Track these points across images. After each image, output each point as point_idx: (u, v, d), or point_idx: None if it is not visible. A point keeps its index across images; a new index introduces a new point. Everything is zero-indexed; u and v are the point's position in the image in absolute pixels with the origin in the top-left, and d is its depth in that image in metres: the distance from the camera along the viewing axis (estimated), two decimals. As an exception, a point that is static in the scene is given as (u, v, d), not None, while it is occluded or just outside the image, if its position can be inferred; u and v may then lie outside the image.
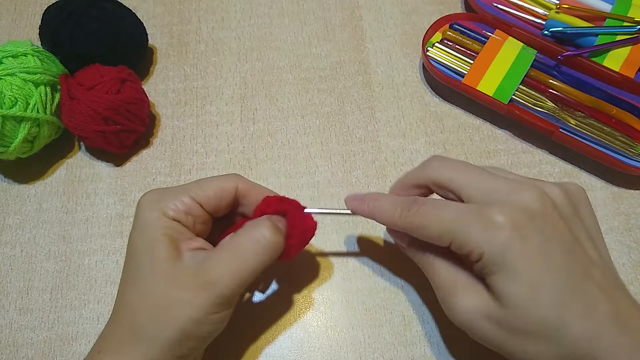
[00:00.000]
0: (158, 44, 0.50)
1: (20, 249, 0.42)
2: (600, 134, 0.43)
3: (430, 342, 0.38)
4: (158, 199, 0.31)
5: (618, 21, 0.46)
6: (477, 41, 0.47)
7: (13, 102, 0.39)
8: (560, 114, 0.44)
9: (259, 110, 0.47)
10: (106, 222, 0.42)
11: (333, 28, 0.51)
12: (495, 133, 0.46)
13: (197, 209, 0.31)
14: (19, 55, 0.41)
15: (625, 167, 0.41)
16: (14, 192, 0.44)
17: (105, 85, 0.41)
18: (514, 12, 0.49)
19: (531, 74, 0.46)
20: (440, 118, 0.46)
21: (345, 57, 0.49)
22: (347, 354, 0.37)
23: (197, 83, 0.48)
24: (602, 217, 0.42)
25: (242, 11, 0.52)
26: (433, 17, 0.50)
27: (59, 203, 0.43)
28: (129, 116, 0.42)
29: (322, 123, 0.46)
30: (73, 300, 0.40)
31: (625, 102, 0.44)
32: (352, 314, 0.39)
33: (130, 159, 0.45)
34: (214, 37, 0.51)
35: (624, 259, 0.40)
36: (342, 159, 0.45)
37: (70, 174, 0.45)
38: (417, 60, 0.49)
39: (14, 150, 0.41)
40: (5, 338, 0.38)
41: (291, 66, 0.49)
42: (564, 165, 0.44)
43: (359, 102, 0.47)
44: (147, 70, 0.49)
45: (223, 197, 0.32)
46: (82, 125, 0.41)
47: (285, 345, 0.38)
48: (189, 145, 0.46)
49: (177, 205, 0.31)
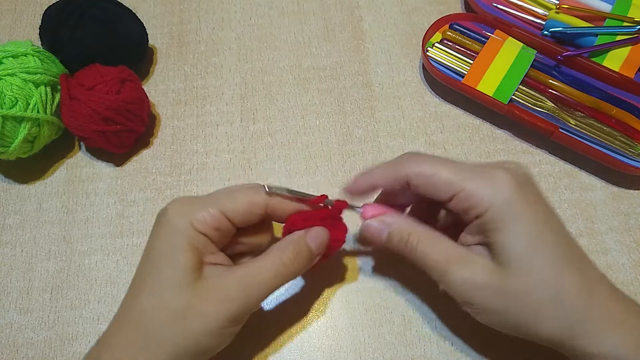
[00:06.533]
0: (158, 44, 0.51)
1: (21, 249, 0.42)
2: (600, 134, 0.43)
3: (430, 342, 0.38)
4: (187, 208, 0.31)
5: (618, 21, 0.46)
6: (477, 41, 0.47)
7: (13, 102, 0.39)
8: (560, 114, 0.44)
9: (259, 111, 0.47)
10: (106, 222, 0.42)
11: (333, 28, 0.51)
12: (495, 133, 0.46)
13: (225, 223, 0.31)
14: (19, 56, 0.41)
15: (625, 167, 0.41)
16: (14, 192, 0.44)
17: (105, 85, 0.41)
18: (514, 12, 0.49)
19: (531, 74, 0.46)
20: (440, 118, 0.46)
21: (345, 57, 0.49)
22: (347, 354, 0.37)
23: (197, 83, 0.48)
24: (602, 217, 0.42)
25: (242, 11, 0.52)
26: (433, 17, 0.50)
27: (59, 203, 0.43)
28: (129, 116, 0.42)
29: (322, 123, 0.46)
30: (73, 300, 0.40)
31: (625, 102, 0.44)
32: (352, 314, 0.39)
33: (131, 159, 0.45)
34: (214, 37, 0.51)
35: (623, 259, 0.40)
36: (342, 159, 0.45)
37: (70, 174, 0.45)
38: (417, 60, 0.49)
39: (14, 150, 0.41)
40: (5, 338, 0.39)
41: (291, 66, 0.49)
42: (563, 165, 0.44)
43: (359, 102, 0.47)
44: (147, 71, 0.49)
45: (253, 212, 0.32)
46: (82, 125, 0.41)
47: (286, 345, 0.38)
48: (189, 145, 0.46)
49: (205, 219, 0.30)
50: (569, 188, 0.43)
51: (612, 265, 0.40)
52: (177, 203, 0.31)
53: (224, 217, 0.31)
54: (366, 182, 0.33)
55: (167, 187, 0.44)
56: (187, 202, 0.31)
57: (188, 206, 0.31)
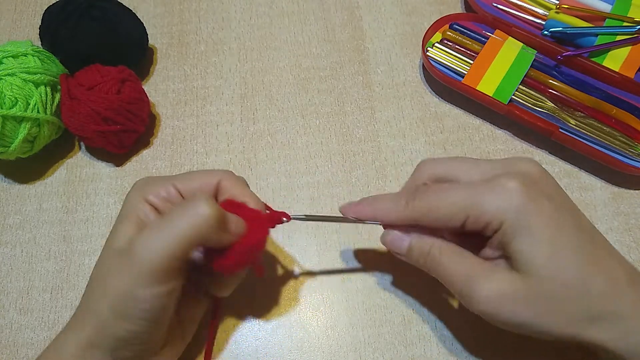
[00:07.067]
0: (158, 44, 0.51)
1: (21, 249, 0.42)
2: (600, 134, 0.43)
3: (430, 342, 0.38)
4: (145, 184, 0.33)
5: (618, 21, 0.46)
6: (477, 41, 0.47)
7: (13, 102, 0.39)
8: (560, 114, 0.44)
9: (259, 111, 0.47)
10: (106, 222, 0.42)
11: (333, 28, 0.51)
12: (495, 133, 0.46)
13: (178, 198, 0.32)
14: (19, 56, 0.41)
15: (625, 167, 0.41)
16: (14, 192, 0.44)
17: (105, 85, 0.41)
18: (514, 12, 0.49)
19: (531, 74, 0.46)
20: (440, 118, 0.46)
21: (345, 57, 0.49)
22: (347, 354, 0.37)
23: (197, 83, 0.48)
24: (601, 217, 0.42)
25: (242, 11, 0.52)
26: (433, 17, 0.50)
27: (59, 203, 0.43)
28: (129, 116, 0.42)
29: (322, 123, 0.46)
30: (73, 300, 0.40)
31: (625, 102, 0.44)
32: (352, 314, 0.39)
33: (131, 159, 0.45)
34: (214, 38, 0.51)
35: (623, 259, 0.40)
36: (342, 159, 0.45)
37: (70, 174, 0.45)
38: (417, 60, 0.49)
39: (14, 151, 0.41)
40: (5, 338, 0.39)
41: (291, 66, 0.49)
42: (563, 165, 0.44)
43: (359, 102, 0.47)
44: (147, 71, 0.49)
45: (204, 191, 0.33)
46: (83, 125, 0.41)
47: (286, 345, 0.38)
48: (189, 145, 0.46)
49: (158, 192, 0.32)
50: (568, 188, 0.43)
51: (612, 265, 0.40)
52: (140, 180, 0.33)
53: (176, 191, 0.32)
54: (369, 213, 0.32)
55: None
56: (147, 178, 0.34)
57: (146, 182, 0.33)
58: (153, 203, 0.32)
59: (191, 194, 0.32)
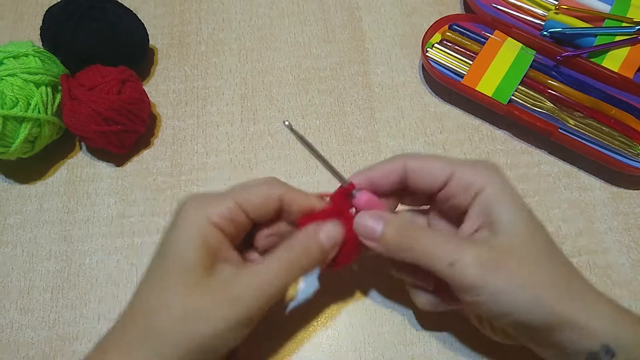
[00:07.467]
0: (159, 45, 0.51)
1: (21, 249, 0.42)
2: (599, 134, 0.43)
3: (430, 342, 0.38)
4: (204, 203, 0.30)
5: (617, 22, 0.46)
6: (477, 42, 0.47)
7: (14, 102, 0.40)
8: (559, 114, 0.44)
9: (259, 111, 0.47)
10: (107, 222, 0.43)
11: (333, 29, 0.51)
12: (494, 133, 0.46)
13: (241, 216, 0.31)
14: (20, 56, 0.41)
15: (624, 167, 0.42)
16: (15, 192, 0.44)
17: (106, 85, 0.41)
18: (513, 12, 0.49)
19: (530, 75, 0.46)
20: (439, 118, 0.46)
21: (345, 57, 0.50)
22: (347, 353, 0.37)
23: (197, 84, 0.49)
24: (601, 217, 0.42)
25: (242, 12, 0.52)
26: (432, 18, 0.50)
27: (59, 203, 0.43)
28: (130, 116, 0.42)
29: (322, 123, 0.46)
30: (74, 300, 0.40)
31: (624, 103, 0.45)
32: (352, 314, 0.39)
33: (131, 159, 0.45)
34: (214, 38, 0.51)
35: (623, 259, 0.40)
36: (342, 159, 0.45)
37: (71, 174, 0.45)
38: (416, 61, 0.49)
39: (15, 151, 0.41)
40: (6, 338, 0.39)
41: (291, 67, 0.49)
42: (563, 166, 0.44)
43: (359, 103, 0.47)
44: (148, 71, 0.49)
45: (268, 205, 0.31)
46: (83, 125, 0.41)
47: (285, 345, 0.38)
48: (189, 145, 0.46)
49: (222, 211, 0.30)
50: (568, 188, 0.43)
51: (611, 265, 0.40)
52: (194, 198, 0.31)
53: (240, 209, 0.30)
54: (364, 177, 0.33)
55: (168, 187, 0.44)
56: (204, 196, 0.31)
57: (205, 201, 0.30)
58: (219, 225, 0.30)
59: (254, 210, 0.31)
